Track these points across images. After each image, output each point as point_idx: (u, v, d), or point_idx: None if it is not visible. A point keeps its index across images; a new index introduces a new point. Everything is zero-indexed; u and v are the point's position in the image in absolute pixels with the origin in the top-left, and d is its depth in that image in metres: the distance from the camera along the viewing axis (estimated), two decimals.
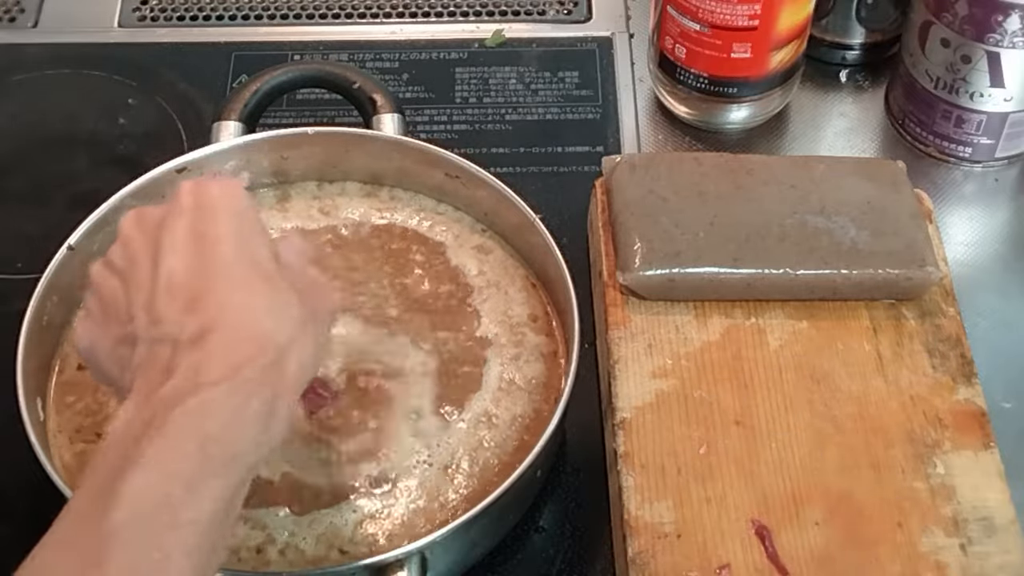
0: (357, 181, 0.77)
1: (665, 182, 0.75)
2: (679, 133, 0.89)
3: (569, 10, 0.97)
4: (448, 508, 0.65)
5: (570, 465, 0.72)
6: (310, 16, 0.97)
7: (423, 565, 0.61)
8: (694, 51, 0.83)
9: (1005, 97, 0.81)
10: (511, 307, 0.72)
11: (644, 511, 0.65)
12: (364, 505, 0.64)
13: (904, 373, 0.70)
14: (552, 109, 0.90)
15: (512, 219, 0.73)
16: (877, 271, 0.72)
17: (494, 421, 0.67)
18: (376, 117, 0.76)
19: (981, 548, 0.64)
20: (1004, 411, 0.73)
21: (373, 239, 0.75)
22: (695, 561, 0.63)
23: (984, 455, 0.67)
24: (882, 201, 0.75)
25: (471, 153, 0.79)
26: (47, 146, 0.88)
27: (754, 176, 0.76)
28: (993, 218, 0.85)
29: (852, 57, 0.92)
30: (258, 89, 0.77)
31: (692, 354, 0.71)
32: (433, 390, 0.68)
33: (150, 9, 0.97)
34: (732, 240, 0.72)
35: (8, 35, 0.95)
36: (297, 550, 0.63)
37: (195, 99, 0.90)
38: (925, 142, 0.86)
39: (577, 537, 0.69)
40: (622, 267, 0.72)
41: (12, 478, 0.70)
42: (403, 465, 0.66)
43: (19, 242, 0.81)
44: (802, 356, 0.71)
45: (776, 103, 0.88)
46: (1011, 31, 0.77)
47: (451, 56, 0.93)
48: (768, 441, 0.67)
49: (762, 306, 0.73)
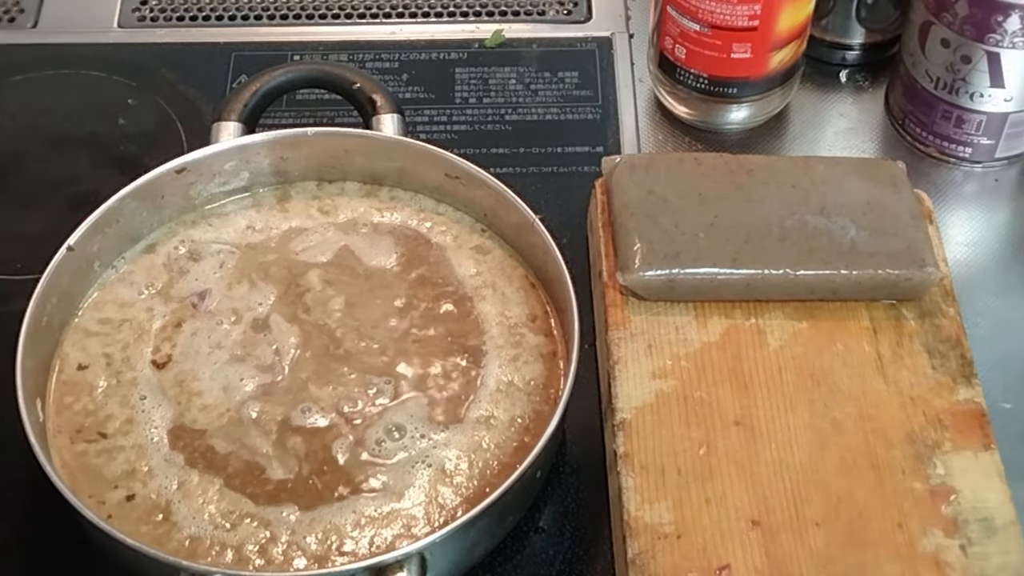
0: (357, 181, 0.78)
1: (665, 182, 0.75)
2: (679, 133, 0.89)
3: (569, 10, 0.97)
4: (448, 509, 0.65)
5: (570, 466, 0.72)
6: (310, 16, 0.97)
7: (423, 566, 0.61)
8: (694, 51, 0.83)
9: (1005, 97, 0.81)
10: (509, 307, 0.72)
11: (644, 512, 0.65)
12: (364, 506, 0.64)
13: (904, 373, 0.70)
14: (552, 109, 0.90)
15: (512, 219, 0.73)
16: (877, 271, 0.72)
17: (493, 422, 0.68)
18: (376, 117, 0.76)
19: (981, 549, 0.64)
20: (1004, 411, 0.73)
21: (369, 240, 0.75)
22: (695, 562, 0.63)
23: (984, 455, 0.67)
24: (882, 201, 0.75)
25: (471, 153, 0.79)
26: (47, 146, 0.88)
27: (754, 176, 0.76)
28: (993, 218, 0.85)
29: (852, 57, 0.92)
30: (258, 89, 0.77)
31: (692, 355, 0.71)
32: (432, 391, 0.68)
33: (150, 9, 0.97)
34: (732, 240, 0.72)
35: (8, 35, 0.95)
36: (298, 550, 0.63)
37: (195, 99, 0.90)
38: (925, 142, 0.86)
39: (577, 538, 0.69)
40: (622, 268, 0.72)
41: (12, 478, 0.70)
42: (403, 466, 0.66)
43: (19, 242, 0.81)
44: (802, 357, 0.71)
45: (776, 103, 0.88)
46: (1011, 31, 0.77)
47: (451, 56, 0.93)
48: (768, 442, 0.67)
49: (762, 306, 0.73)
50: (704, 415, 0.68)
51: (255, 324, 0.71)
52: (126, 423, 0.67)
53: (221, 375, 0.69)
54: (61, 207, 0.83)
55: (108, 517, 0.64)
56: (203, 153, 0.74)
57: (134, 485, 0.65)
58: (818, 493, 0.65)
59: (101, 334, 0.71)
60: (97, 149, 0.87)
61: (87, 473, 0.65)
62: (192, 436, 0.67)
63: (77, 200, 0.77)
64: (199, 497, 0.64)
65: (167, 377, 0.69)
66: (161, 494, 0.65)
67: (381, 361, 0.69)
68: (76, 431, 0.67)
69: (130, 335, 0.71)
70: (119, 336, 0.71)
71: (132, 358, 0.70)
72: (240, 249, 0.74)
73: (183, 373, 0.69)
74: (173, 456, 0.66)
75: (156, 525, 0.64)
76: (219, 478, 0.65)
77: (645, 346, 0.71)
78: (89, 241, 0.71)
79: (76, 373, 0.69)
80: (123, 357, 0.70)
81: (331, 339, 0.70)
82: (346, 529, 0.64)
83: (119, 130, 0.89)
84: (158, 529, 0.64)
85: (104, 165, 0.86)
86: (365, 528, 0.64)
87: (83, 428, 0.67)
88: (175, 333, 0.71)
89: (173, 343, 0.70)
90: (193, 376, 0.69)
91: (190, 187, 0.75)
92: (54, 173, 0.86)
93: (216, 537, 0.63)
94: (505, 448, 0.67)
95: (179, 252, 0.74)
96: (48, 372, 0.69)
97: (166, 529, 0.64)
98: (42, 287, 0.68)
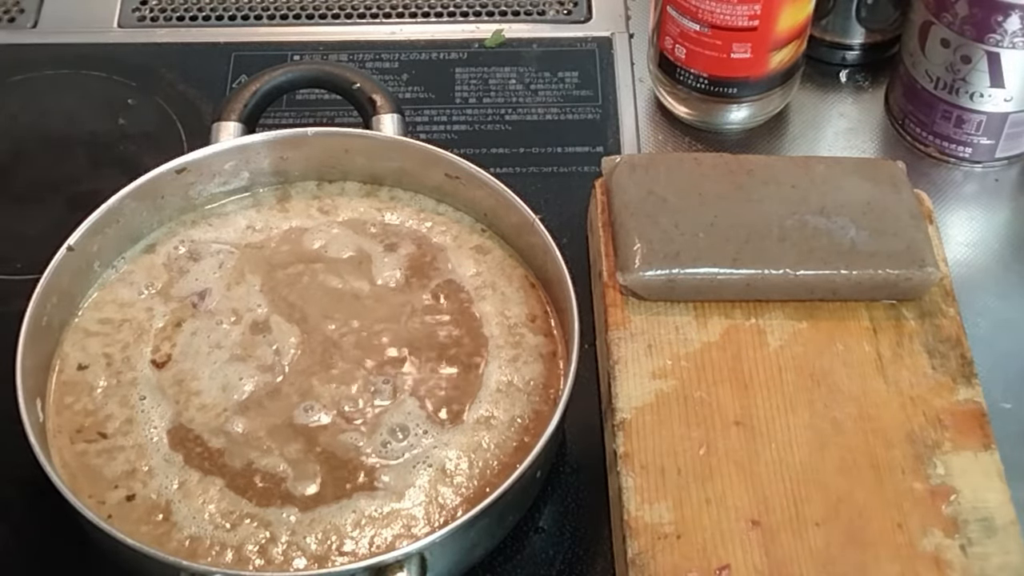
0: (357, 181, 0.78)
1: (665, 182, 0.75)
2: (679, 133, 0.89)
3: (569, 10, 0.97)
4: (448, 509, 0.65)
5: (570, 466, 0.72)
6: (310, 16, 0.97)
7: (423, 566, 0.61)
8: (694, 51, 0.83)
9: (1005, 97, 0.81)
10: (509, 307, 0.72)
11: (644, 512, 0.65)
12: (364, 506, 0.64)
13: (904, 374, 0.70)
14: (552, 109, 0.90)
15: (512, 219, 0.73)
16: (877, 271, 0.72)
17: (493, 422, 0.68)
18: (376, 117, 0.76)
19: (981, 549, 0.64)
20: (1004, 411, 0.73)
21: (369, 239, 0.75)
22: (695, 562, 0.63)
23: (984, 455, 0.67)
24: (882, 201, 0.75)
25: (471, 153, 0.79)
26: (47, 146, 0.88)
27: (754, 176, 0.76)
28: (993, 218, 0.85)
29: (852, 57, 0.92)
30: (258, 89, 0.77)
31: (692, 355, 0.71)
32: (432, 391, 0.68)
33: (150, 9, 0.97)
34: (732, 240, 0.72)
35: (8, 35, 0.95)
36: (298, 550, 0.63)
37: (195, 99, 0.90)
38: (925, 142, 0.86)
39: (577, 537, 0.69)
40: (622, 268, 0.72)
41: (12, 478, 0.70)
42: (403, 466, 0.66)
43: (19, 242, 0.81)
44: (802, 357, 0.71)
45: (776, 103, 0.88)
46: (1011, 31, 0.77)
47: (451, 56, 0.93)
48: (768, 442, 0.67)
49: (762, 306, 0.73)
50: (704, 415, 0.68)
51: (255, 324, 0.71)
52: (126, 423, 0.67)
53: (221, 375, 0.69)
54: (61, 207, 0.83)
55: (108, 517, 0.64)
56: (203, 153, 0.74)
57: (134, 485, 0.65)
58: (818, 493, 0.65)
59: (101, 334, 0.71)
60: (97, 149, 0.87)
61: (87, 473, 0.65)
62: (192, 436, 0.67)
63: (77, 200, 0.77)
64: (199, 497, 0.64)
65: (167, 377, 0.69)
66: (161, 494, 0.65)
67: (381, 361, 0.69)
68: (76, 431, 0.67)
69: (130, 335, 0.71)
70: (119, 336, 0.71)
71: (132, 358, 0.70)
72: (240, 249, 0.74)
73: (183, 373, 0.69)
74: (173, 456, 0.66)
75: (156, 525, 0.64)
76: (219, 478, 0.65)
77: (645, 346, 0.71)
78: (89, 241, 0.71)
79: (76, 373, 0.69)
80: (123, 357, 0.70)
81: (331, 339, 0.70)
82: (346, 529, 0.64)
83: (119, 130, 0.89)
84: (158, 529, 0.64)
85: (104, 165, 0.86)
86: (365, 528, 0.64)
87: (83, 428, 0.67)
88: (175, 333, 0.71)
89: (173, 343, 0.70)
90: (193, 376, 0.69)
91: (190, 187, 0.75)
92: (54, 173, 0.86)
93: (216, 537, 0.63)
94: (505, 448, 0.67)
95: (179, 252, 0.74)
96: (48, 372, 0.69)
97: (166, 529, 0.64)
98: (42, 287, 0.68)
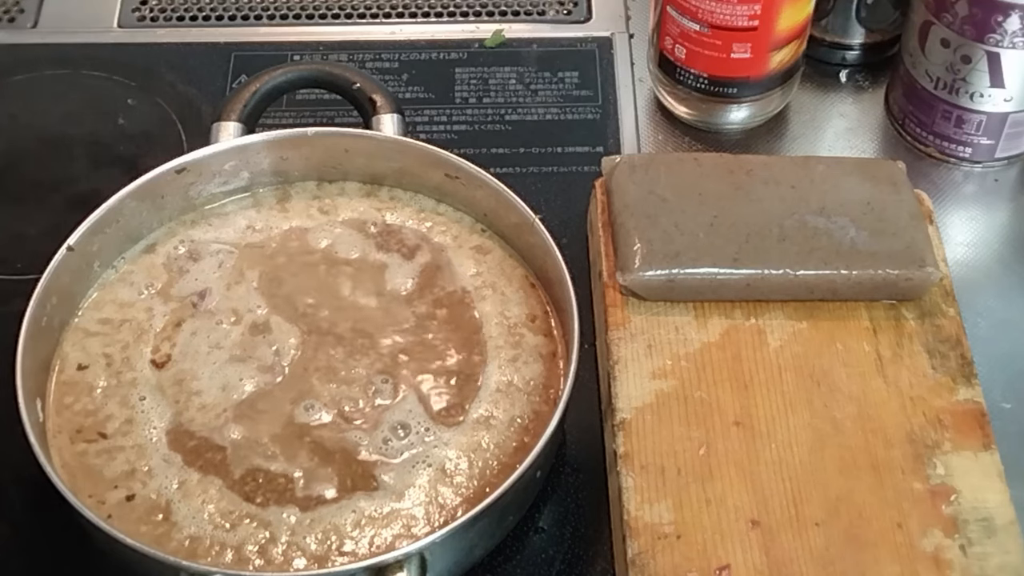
0: (357, 181, 0.78)
1: (665, 182, 0.75)
2: (679, 133, 0.89)
3: (569, 10, 0.97)
4: (448, 509, 0.65)
5: (570, 466, 0.72)
6: (310, 16, 0.97)
7: (423, 566, 0.61)
8: (694, 51, 0.83)
9: (1005, 97, 0.81)
10: (509, 307, 0.72)
11: (644, 512, 0.65)
12: (364, 506, 0.64)
13: (904, 374, 0.70)
14: (552, 109, 0.90)
15: (512, 219, 0.73)
16: (877, 271, 0.72)
17: (493, 422, 0.68)
18: (376, 117, 0.76)
19: (981, 549, 0.64)
20: (1004, 411, 0.73)
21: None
22: (695, 562, 0.63)
23: (984, 455, 0.67)
24: (882, 201, 0.75)
25: (471, 153, 0.79)
26: (47, 146, 0.88)
27: (754, 176, 0.76)
28: (993, 218, 0.85)
29: (852, 57, 0.92)
30: (258, 89, 0.77)
31: (692, 355, 0.71)
32: (432, 391, 0.68)
33: (150, 9, 0.97)
34: (732, 240, 0.72)
35: (8, 35, 0.95)
36: (298, 550, 0.63)
37: (195, 99, 0.90)
38: (925, 142, 0.86)
39: (577, 538, 0.69)
40: (622, 268, 0.72)
41: (12, 478, 0.70)
42: (403, 467, 0.66)
43: (19, 242, 0.81)
44: (802, 357, 0.71)
45: (776, 103, 0.88)
46: (1011, 31, 0.77)
47: (451, 56, 0.93)
48: (768, 442, 0.67)
49: (762, 306, 0.73)
50: (704, 415, 0.68)
51: (255, 324, 0.71)
52: (126, 423, 0.67)
53: (220, 375, 0.69)
54: (61, 207, 0.83)
55: (108, 517, 0.64)
56: (203, 153, 0.74)
57: (134, 485, 0.65)
58: (818, 493, 0.65)
59: (101, 334, 0.71)
60: (97, 149, 0.87)
61: (87, 473, 0.65)
62: (192, 436, 0.67)
63: (77, 200, 0.77)
64: (199, 497, 0.64)
65: (167, 377, 0.69)
66: (161, 494, 0.65)
67: (381, 361, 0.69)
68: (76, 431, 0.67)
69: (130, 335, 0.71)
70: (119, 336, 0.71)
71: (132, 358, 0.70)
72: (240, 249, 0.74)
73: (182, 373, 0.69)
74: (172, 456, 0.66)
75: (156, 525, 0.64)
76: (219, 478, 0.65)
77: (645, 346, 0.71)
78: (89, 241, 0.71)
79: (76, 373, 0.69)
80: (123, 357, 0.70)
81: (331, 339, 0.70)
82: (346, 529, 0.64)
83: (119, 130, 0.89)
84: (158, 529, 0.64)
85: (104, 165, 0.86)
86: (365, 528, 0.64)
87: (83, 428, 0.67)
88: (175, 333, 0.71)
89: (173, 343, 0.70)
90: (193, 376, 0.69)
91: (190, 187, 0.75)
92: (54, 173, 0.86)
93: (216, 537, 0.63)
94: (505, 448, 0.67)
95: (179, 252, 0.74)
96: (48, 372, 0.69)
97: (166, 529, 0.64)
98: (42, 287, 0.68)
